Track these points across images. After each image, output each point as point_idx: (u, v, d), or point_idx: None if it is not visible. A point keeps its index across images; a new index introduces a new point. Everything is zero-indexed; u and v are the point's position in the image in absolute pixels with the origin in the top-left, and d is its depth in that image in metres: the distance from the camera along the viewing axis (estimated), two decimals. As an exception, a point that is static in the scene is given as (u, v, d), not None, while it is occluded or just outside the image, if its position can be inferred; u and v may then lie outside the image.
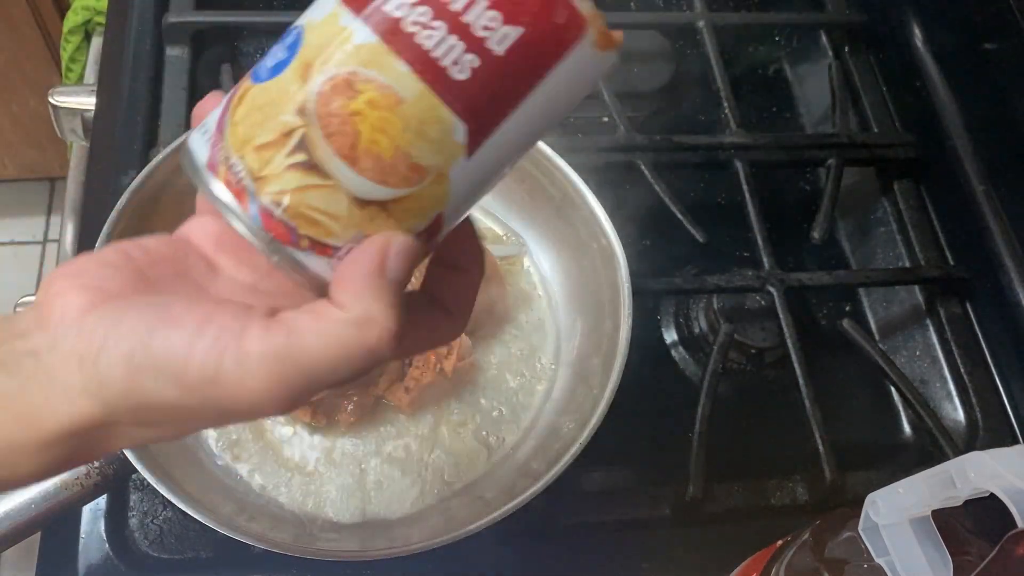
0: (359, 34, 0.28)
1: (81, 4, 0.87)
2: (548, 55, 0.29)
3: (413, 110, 0.28)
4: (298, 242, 0.30)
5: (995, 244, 0.69)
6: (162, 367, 0.28)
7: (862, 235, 0.77)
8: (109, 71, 0.75)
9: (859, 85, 0.81)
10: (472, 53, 0.28)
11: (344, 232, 0.30)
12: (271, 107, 0.29)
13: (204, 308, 0.30)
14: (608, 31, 0.29)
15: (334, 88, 0.28)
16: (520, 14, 0.28)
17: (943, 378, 0.69)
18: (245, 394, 0.28)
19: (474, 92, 0.28)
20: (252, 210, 0.29)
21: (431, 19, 0.28)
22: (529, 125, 0.30)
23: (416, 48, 0.28)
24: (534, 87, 0.29)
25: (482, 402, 0.60)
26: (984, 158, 0.73)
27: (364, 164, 0.29)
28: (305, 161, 0.29)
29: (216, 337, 0.28)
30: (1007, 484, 0.33)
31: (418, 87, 0.28)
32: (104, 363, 0.29)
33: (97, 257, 0.32)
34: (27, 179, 1.67)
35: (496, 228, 0.67)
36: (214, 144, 0.30)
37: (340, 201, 0.29)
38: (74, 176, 0.79)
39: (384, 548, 0.49)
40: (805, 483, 0.60)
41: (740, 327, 0.67)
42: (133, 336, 0.29)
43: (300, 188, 0.29)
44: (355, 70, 0.28)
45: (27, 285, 1.63)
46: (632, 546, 0.58)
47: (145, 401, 0.29)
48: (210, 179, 0.30)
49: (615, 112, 0.74)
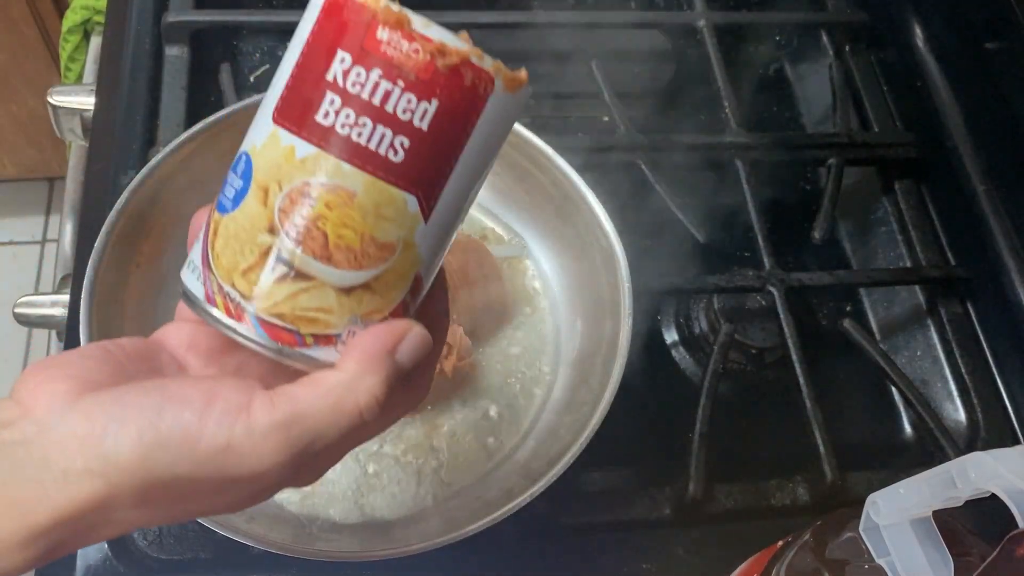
0: (300, 148, 0.32)
1: (80, 3, 0.87)
2: (468, 114, 0.32)
3: (367, 199, 0.32)
4: (304, 341, 0.33)
5: (996, 244, 0.69)
6: (175, 442, 0.29)
7: (863, 235, 0.77)
8: (108, 70, 0.74)
9: (860, 85, 0.81)
10: (401, 135, 0.31)
11: (339, 320, 0.33)
12: (244, 233, 0.33)
13: (205, 385, 0.31)
14: (513, 74, 0.32)
15: (293, 202, 0.32)
16: (431, 91, 0.31)
17: (944, 378, 0.69)
18: (256, 462, 0.30)
19: (413, 167, 0.32)
20: (256, 327, 0.33)
21: (357, 118, 0.31)
22: (471, 173, 0.33)
23: (353, 146, 0.31)
24: (465, 143, 0.33)
25: (482, 402, 0.60)
26: (985, 158, 0.73)
27: (338, 258, 0.32)
28: (287, 272, 0.32)
29: (224, 411, 0.30)
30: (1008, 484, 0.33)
31: (364, 179, 0.32)
32: (111, 443, 0.29)
33: (77, 352, 0.33)
34: (26, 179, 1.67)
35: (497, 228, 0.67)
36: (205, 280, 0.34)
37: (328, 295, 0.33)
38: (73, 176, 0.79)
39: (384, 549, 0.49)
40: (806, 483, 0.60)
41: (740, 327, 0.67)
42: (141, 416, 0.30)
43: (291, 296, 0.32)
44: (307, 180, 0.32)
45: (26, 285, 1.63)
46: (632, 546, 0.57)
47: (155, 477, 0.30)
48: (211, 310, 0.34)
49: (615, 112, 0.74)
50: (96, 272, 0.54)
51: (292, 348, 0.33)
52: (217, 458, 0.30)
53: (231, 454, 0.30)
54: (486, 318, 0.62)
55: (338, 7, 0.31)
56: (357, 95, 0.31)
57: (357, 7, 0.31)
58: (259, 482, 0.31)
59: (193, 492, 0.31)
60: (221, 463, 0.30)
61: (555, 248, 0.66)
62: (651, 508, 0.59)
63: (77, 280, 0.58)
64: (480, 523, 0.49)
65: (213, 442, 0.30)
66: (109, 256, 0.55)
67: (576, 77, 0.78)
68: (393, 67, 0.31)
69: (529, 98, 0.34)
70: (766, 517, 0.59)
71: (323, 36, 0.32)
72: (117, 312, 0.56)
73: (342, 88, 0.31)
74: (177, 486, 0.30)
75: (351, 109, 0.31)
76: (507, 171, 0.65)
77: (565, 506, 0.57)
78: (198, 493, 0.31)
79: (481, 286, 0.61)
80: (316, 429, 0.31)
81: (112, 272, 0.55)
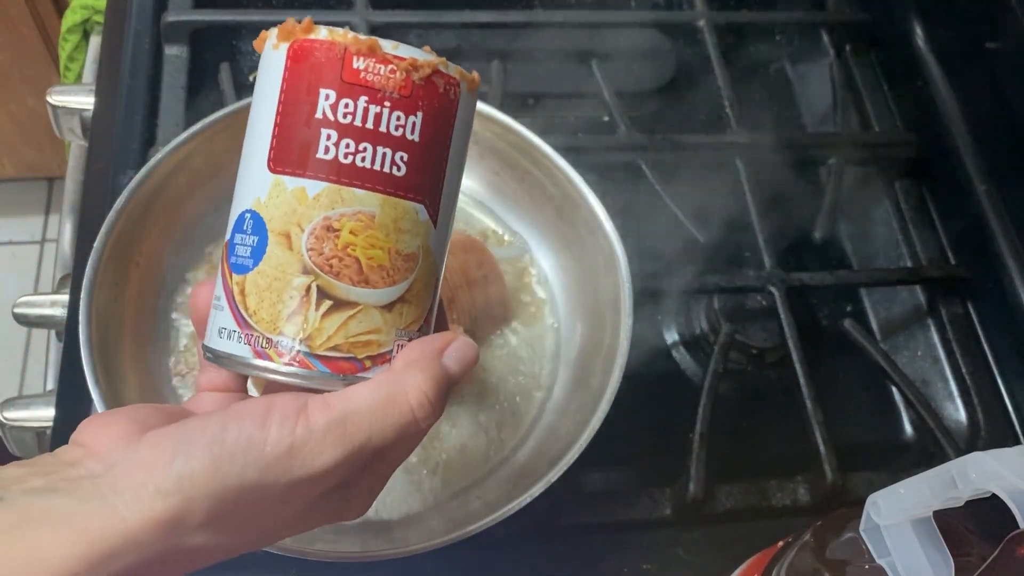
0: (312, 187, 0.33)
1: (79, 3, 0.87)
2: (447, 118, 0.35)
3: (385, 217, 0.34)
4: (363, 366, 0.35)
5: (997, 244, 0.69)
6: (241, 450, 0.31)
7: (863, 235, 0.77)
8: (107, 70, 0.74)
9: (860, 84, 0.81)
10: (399, 151, 0.34)
11: (388, 338, 0.35)
12: (277, 282, 0.34)
13: (262, 400, 0.33)
14: (471, 76, 0.36)
15: (319, 238, 0.34)
16: (415, 104, 0.34)
17: (944, 378, 0.69)
18: (319, 460, 0.31)
19: (416, 177, 0.34)
20: (318, 366, 0.34)
21: (357, 145, 0.33)
22: (457, 171, 0.37)
23: (361, 171, 0.33)
24: (450, 145, 0.36)
25: (482, 402, 0.60)
26: (986, 157, 0.73)
27: (374, 278, 0.34)
28: (332, 304, 0.34)
29: (283, 416, 0.32)
30: (1008, 484, 0.33)
31: (379, 199, 0.34)
32: (181, 461, 0.30)
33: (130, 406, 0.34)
34: (25, 179, 1.67)
35: (497, 228, 0.67)
36: (248, 339, 0.35)
37: (374, 316, 0.34)
38: (72, 176, 0.79)
39: (384, 549, 0.49)
40: (806, 484, 0.60)
41: (741, 327, 0.67)
42: (206, 434, 0.31)
43: (341, 326, 0.34)
44: (327, 214, 0.33)
45: (25, 285, 1.63)
46: (633, 547, 0.57)
47: (226, 488, 0.30)
48: (268, 364, 0.34)
49: (615, 112, 0.74)
50: (95, 272, 0.54)
51: (355, 375, 0.34)
52: (282, 460, 0.31)
53: (295, 455, 0.31)
54: (486, 318, 0.62)
55: (307, 51, 0.33)
56: (351, 124, 0.33)
57: (327, 45, 0.33)
58: (324, 482, 0.32)
59: (261, 505, 0.31)
60: (287, 465, 0.31)
61: (555, 248, 0.66)
62: (651, 508, 0.59)
63: (76, 280, 0.58)
64: (480, 523, 0.49)
65: (277, 446, 0.31)
66: (108, 256, 0.55)
67: (576, 77, 0.78)
68: (376, 91, 0.33)
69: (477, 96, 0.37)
70: (766, 517, 0.59)
71: (299, 80, 0.34)
72: (116, 312, 0.56)
73: (334, 121, 0.33)
74: (247, 496, 0.31)
75: (349, 139, 0.33)
76: (507, 171, 0.65)
77: (565, 506, 0.57)
78: (265, 506, 0.32)
79: (481, 286, 0.61)
80: (372, 424, 0.32)
81: (112, 272, 0.55)
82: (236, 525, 0.32)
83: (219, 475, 0.30)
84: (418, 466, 0.57)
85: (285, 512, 0.33)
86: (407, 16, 0.77)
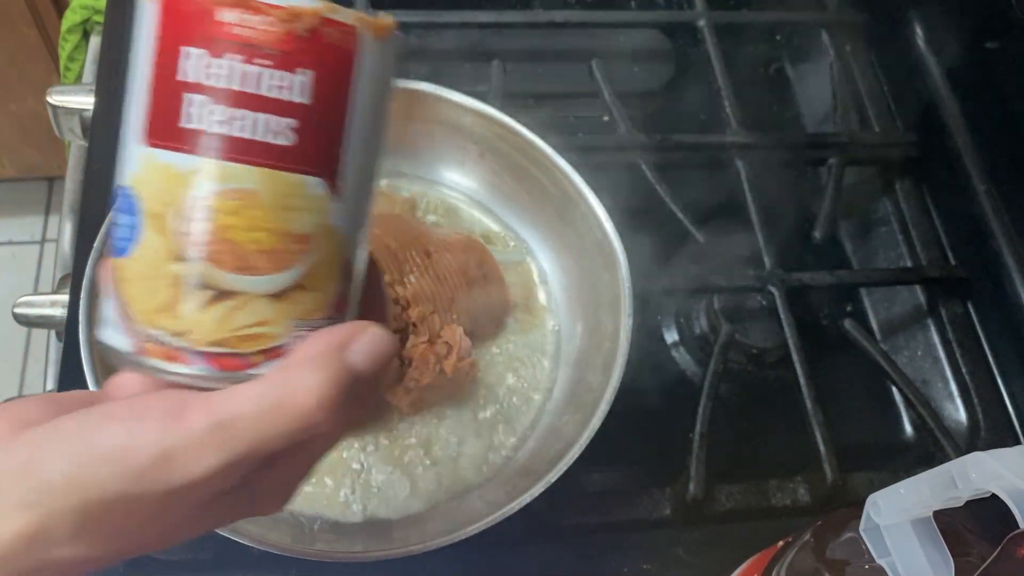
0: (182, 162, 0.29)
1: (79, 3, 0.87)
2: (343, 74, 0.30)
3: (268, 194, 0.29)
4: (252, 361, 0.30)
5: (997, 244, 0.69)
6: (108, 457, 0.28)
7: (863, 235, 0.77)
8: (107, 70, 0.74)
9: (860, 84, 0.81)
10: (283, 116, 0.29)
11: (281, 329, 0.30)
12: (150, 269, 0.30)
13: (138, 400, 0.29)
14: (377, 21, 0.30)
15: (190, 219, 0.29)
16: (298, 60, 0.29)
17: (944, 378, 0.69)
18: (197, 467, 0.28)
19: (306, 145, 0.29)
20: (199, 363, 0.30)
21: (233, 112, 0.28)
22: (367, 135, 0.31)
23: (235, 142, 0.28)
24: (349, 106, 0.30)
25: (482, 402, 0.60)
26: (986, 157, 0.73)
27: (258, 264, 0.29)
28: (209, 295, 0.29)
29: (158, 420, 0.28)
30: (1009, 484, 0.33)
31: (261, 173, 0.29)
32: (46, 468, 0.28)
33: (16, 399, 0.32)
34: (25, 179, 1.67)
35: (497, 228, 0.67)
36: (127, 329, 0.31)
37: (261, 306, 0.30)
38: (72, 176, 0.79)
39: (384, 549, 0.49)
40: (806, 484, 0.60)
41: (741, 327, 0.67)
42: (72, 438, 0.28)
43: (222, 319, 0.30)
44: (197, 193, 0.29)
45: (25, 285, 1.63)
46: (633, 547, 0.57)
47: (92, 497, 0.28)
48: (147, 360, 0.30)
49: (615, 111, 0.74)
50: (95, 272, 0.54)
51: (243, 372, 0.30)
52: (158, 467, 0.28)
53: (172, 462, 0.28)
54: (486, 318, 0.62)
55: (176, 2, 0.29)
56: (222, 88, 0.28)
57: None
58: (210, 487, 0.29)
59: (136, 513, 0.28)
60: (162, 472, 0.28)
61: (555, 248, 0.65)
62: (651, 508, 0.59)
63: (76, 280, 0.58)
64: (480, 523, 0.49)
65: (149, 452, 0.28)
66: (108, 256, 0.55)
67: (576, 77, 0.78)
68: (250, 47, 0.28)
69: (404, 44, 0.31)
70: (767, 517, 0.59)
71: (167, 37, 0.29)
72: (116, 312, 0.56)
73: (203, 85, 0.28)
74: (118, 507, 0.28)
75: (219, 104, 0.28)
76: (507, 171, 0.65)
77: (565, 506, 0.57)
78: (142, 514, 0.29)
79: (481, 286, 0.61)
80: (258, 429, 0.28)
81: (111, 272, 0.55)
82: (110, 535, 0.29)
83: (83, 483, 0.27)
84: (418, 466, 0.57)
85: (171, 517, 0.30)
86: (407, 16, 0.77)
